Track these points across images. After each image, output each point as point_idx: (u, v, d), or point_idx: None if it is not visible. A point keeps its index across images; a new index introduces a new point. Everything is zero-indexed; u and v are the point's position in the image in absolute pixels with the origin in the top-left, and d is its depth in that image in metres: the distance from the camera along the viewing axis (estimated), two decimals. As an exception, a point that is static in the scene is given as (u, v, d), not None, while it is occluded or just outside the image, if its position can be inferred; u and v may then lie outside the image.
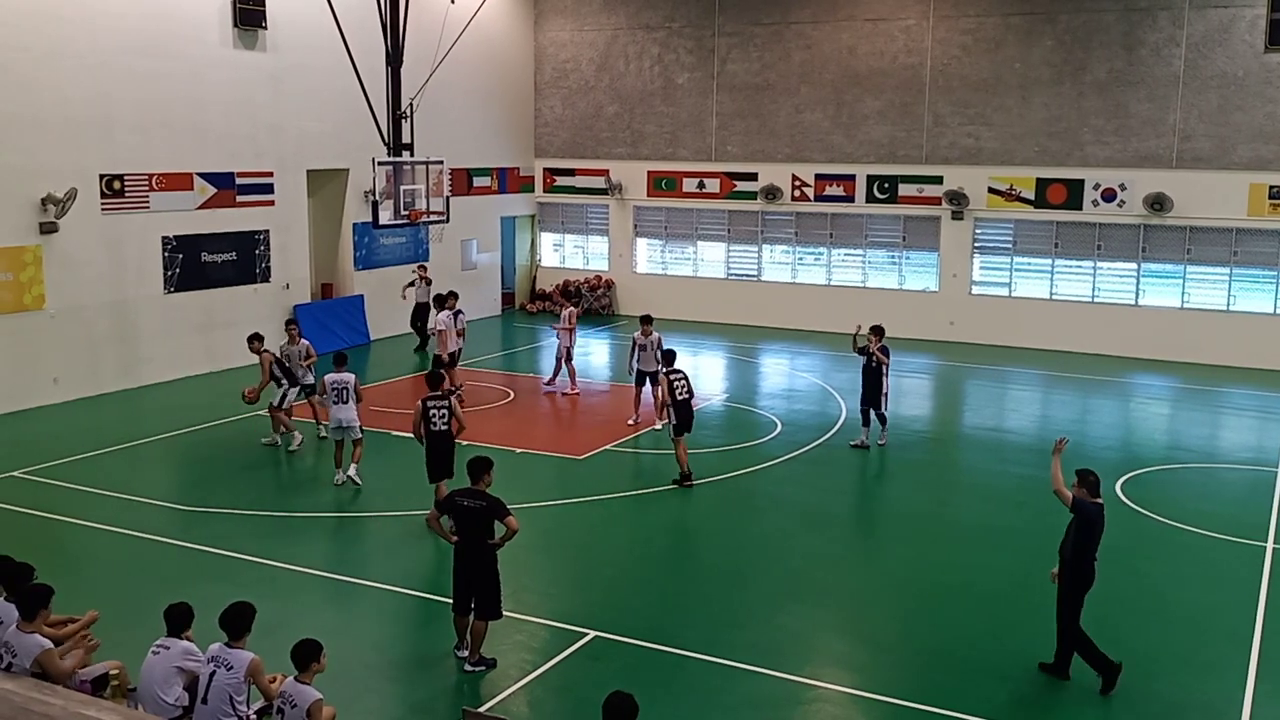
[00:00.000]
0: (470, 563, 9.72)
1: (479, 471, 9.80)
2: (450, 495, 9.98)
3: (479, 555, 9.69)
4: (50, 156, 18.63)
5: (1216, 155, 23.66)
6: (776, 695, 9.49)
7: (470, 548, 9.70)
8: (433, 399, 13.09)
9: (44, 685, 7.71)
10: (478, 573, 9.71)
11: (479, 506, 9.64)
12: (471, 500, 9.68)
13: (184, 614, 8.00)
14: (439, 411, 13.05)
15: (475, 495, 9.70)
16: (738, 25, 27.86)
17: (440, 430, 13.06)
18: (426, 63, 21.04)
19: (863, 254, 27.52)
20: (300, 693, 7.35)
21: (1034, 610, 11.25)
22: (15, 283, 18.33)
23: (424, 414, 13.01)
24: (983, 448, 17.60)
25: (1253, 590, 11.78)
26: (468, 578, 9.75)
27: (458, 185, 26.51)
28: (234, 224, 22.05)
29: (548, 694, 9.52)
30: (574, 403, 20.29)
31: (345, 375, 14.87)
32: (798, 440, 17.41)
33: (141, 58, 19.98)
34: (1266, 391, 21.56)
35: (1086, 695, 9.53)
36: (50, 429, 17.46)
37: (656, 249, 30.06)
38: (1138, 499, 14.74)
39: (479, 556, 9.69)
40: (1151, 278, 24.83)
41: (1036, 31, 24.96)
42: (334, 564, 12.01)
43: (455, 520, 9.76)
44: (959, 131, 25.91)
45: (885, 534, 13.42)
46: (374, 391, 20.66)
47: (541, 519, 13.90)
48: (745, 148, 28.21)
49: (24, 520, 13.42)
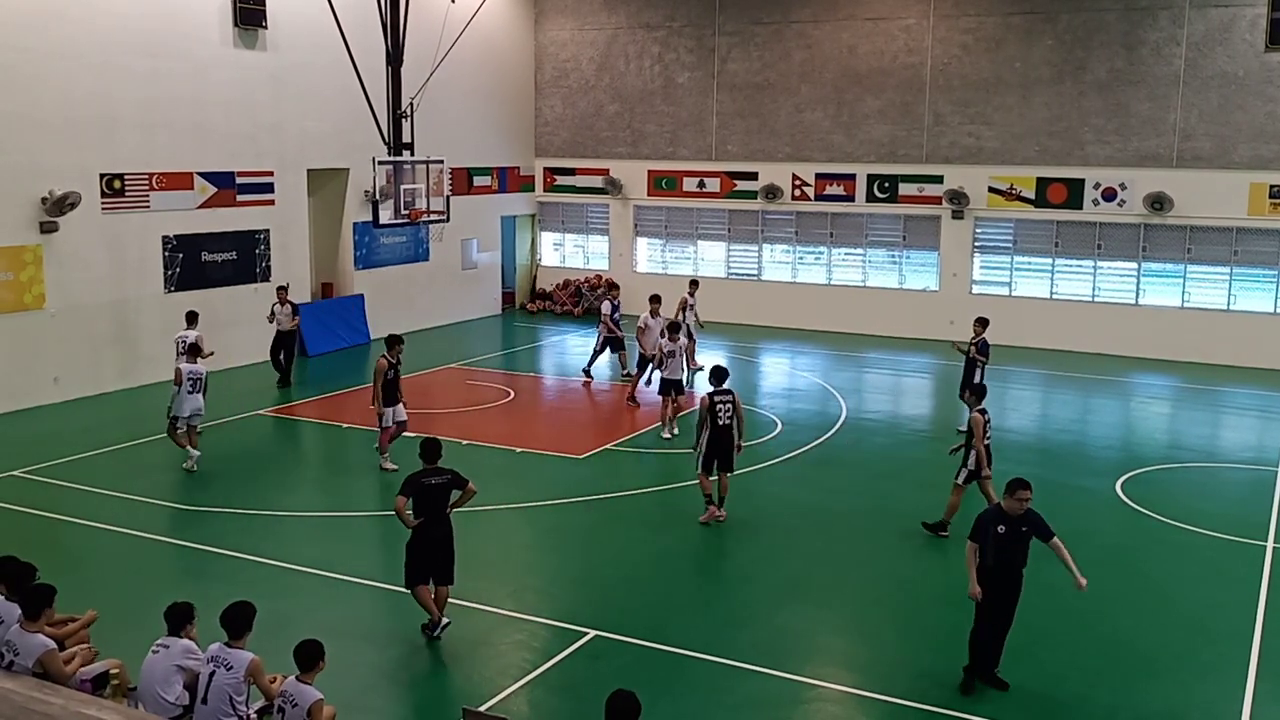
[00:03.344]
0: (436, 535, 10.27)
1: (435, 451, 10.44)
2: (415, 478, 10.32)
3: (442, 527, 10.32)
4: (51, 156, 18.63)
5: (1217, 155, 23.66)
6: (777, 695, 9.49)
7: (436, 521, 10.28)
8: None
9: (45, 685, 7.71)
10: (442, 544, 10.32)
11: (444, 481, 10.30)
12: (437, 478, 10.29)
13: (184, 613, 8.00)
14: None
15: (438, 472, 10.32)
16: (738, 24, 27.85)
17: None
18: (426, 62, 21.03)
19: (863, 253, 27.52)
20: (301, 692, 7.35)
21: (1034, 610, 11.25)
22: (15, 282, 18.33)
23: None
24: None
25: (1253, 590, 11.77)
26: (431, 551, 10.27)
27: (458, 185, 26.51)
28: (234, 223, 22.04)
29: (548, 694, 9.52)
30: (574, 403, 20.29)
31: (199, 367, 15.58)
32: (798, 440, 17.41)
33: (142, 57, 19.98)
34: (1267, 391, 21.55)
35: (1087, 695, 9.53)
36: (50, 428, 17.46)
37: (657, 248, 30.05)
38: (1138, 499, 14.74)
39: (442, 528, 10.32)
40: (1152, 277, 24.83)
41: (1037, 31, 24.96)
42: (334, 563, 12.00)
43: (422, 499, 10.25)
44: (959, 131, 25.91)
45: (885, 534, 13.41)
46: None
47: (541, 519, 13.91)
48: (745, 147, 28.20)
49: (24, 520, 13.41)
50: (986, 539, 9.30)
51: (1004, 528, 9.30)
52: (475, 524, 13.62)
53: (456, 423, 18.17)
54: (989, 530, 9.30)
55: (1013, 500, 9.33)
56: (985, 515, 9.50)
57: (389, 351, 15.22)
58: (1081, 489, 15.31)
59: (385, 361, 15.10)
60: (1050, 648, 10.38)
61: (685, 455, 16.50)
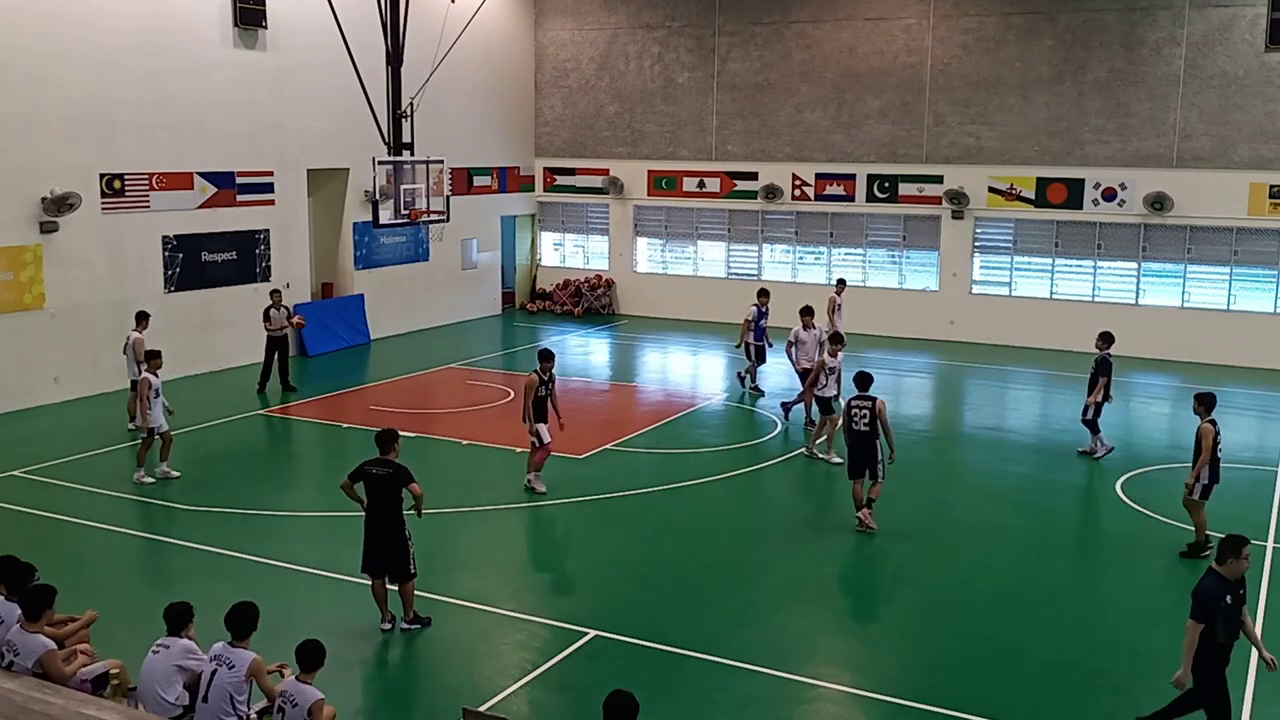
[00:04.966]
0: (380, 529, 10.39)
1: (388, 442, 10.53)
2: (363, 465, 10.50)
3: (389, 521, 10.38)
4: (51, 156, 18.64)
5: (1217, 154, 23.66)
6: (777, 695, 9.49)
7: (380, 513, 10.39)
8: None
9: (45, 685, 7.71)
10: (387, 538, 10.37)
11: (387, 473, 10.37)
12: (380, 468, 10.40)
13: (184, 613, 8.01)
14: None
15: (384, 464, 10.42)
16: (738, 24, 27.85)
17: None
18: (426, 62, 21.04)
19: (863, 253, 27.51)
20: (302, 692, 7.36)
21: (1034, 610, 11.27)
22: (15, 282, 18.34)
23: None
24: (983, 447, 17.61)
25: (1253, 590, 11.73)
26: (378, 543, 10.39)
27: (458, 185, 26.52)
28: (234, 223, 22.04)
29: (548, 694, 9.52)
30: (574, 403, 20.27)
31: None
32: (798, 440, 17.41)
33: (142, 57, 19.98)
34: (1267, 391, 21.55)
35: (1087, 695, 9.53)
36: (51, 428, 17.46)
37: (657, 248, 30.06)
38: (1138, 499, 14.74)
39: (389, 523, 10.38)
40: (1152, 277, 24.83)
41: (1037, 31, 24.96)
42: (334, 563, 12.00)
43: (366, 487, 10.45)
44: (959, 131, 25.91)
45: (885, 533, 13.41)
46: (375, 391, 20.70)
47: (542, 519, 13.91)
48: (746, 147, 28.20)
49: (25, 520, 13.42)
50: (1215, 615, 7.99)
51: (1230, 597, 8.05)
52: (475, 524, 13.64)
53: (456, 423, 18.17)
54: (1218, 604, 8.00)
55: (1240, 562, 8.11)
56: (1208, 589, 8.06)
57: (540, 367, 14.47)
58: (1081, 489, 15.31)
59: (536, 377, 14.35)
60: (1050, 648, 10.38)
61: (686, 455, 16.53)
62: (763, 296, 20.63)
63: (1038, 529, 13.73)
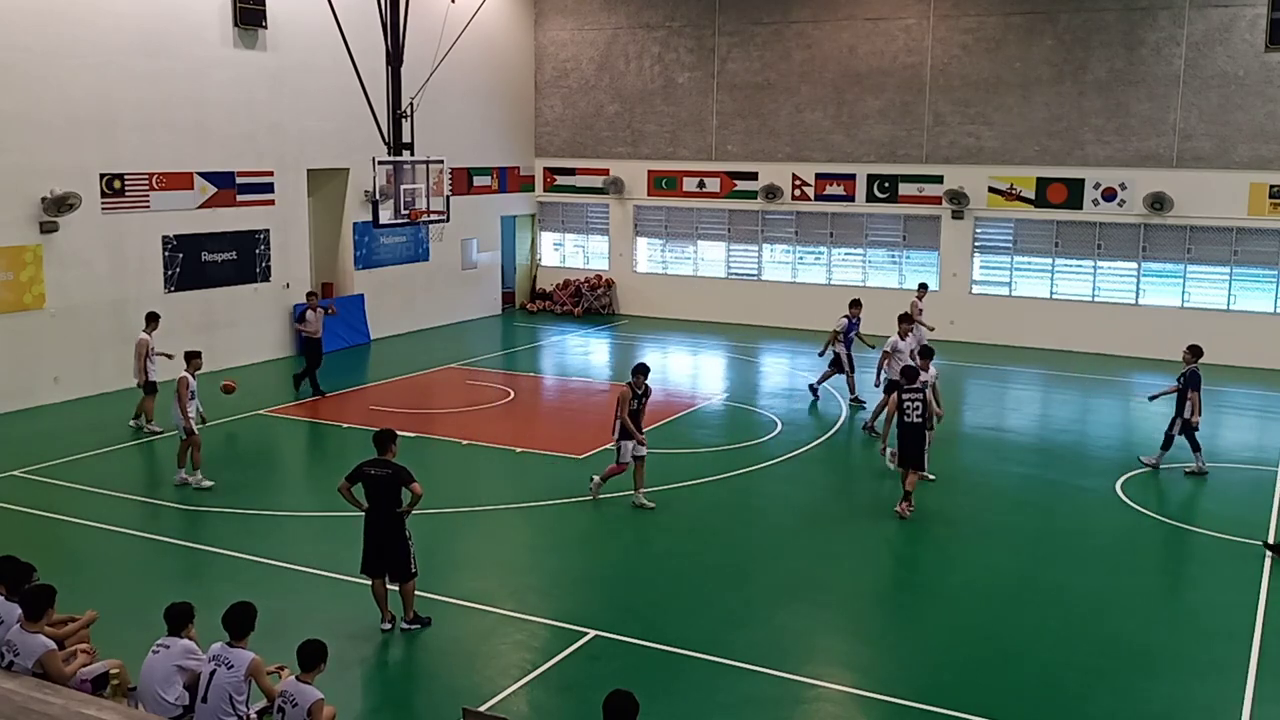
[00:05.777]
0: (381, 529, 10.39)
1: (385, 442, 10.56)
2: (361, 466, 10.49)
3: (389, 522, 10.37)
4: (51, 156, 18.63)
5: (1217, 154, 23.66)
6: (777, 695, 9.49)
7: (380, 514, 10.40)
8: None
9: (45, 685, 7.71)
10: (388, 538, 10.38)
11: (385, 474, 10.36)
12: (379, 469, 10.39)
13: (184, 613, 8.01)
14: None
15: (383, 464, 10.41)
16: (738, 24, 27.85)
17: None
18: (426, 62, 21.03)
19: (863, 253, 27.51)
20: (301, 692, 7.36)
21: (1034, 610, 11.27)
22: (15, 282, 18.33)
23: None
24: (983, 447, 17.60)
25: (1253, 590, 11.77)
26: (379, 543, 10.40)
27: (458, 185, 26.51)
28: (234, 223, 22.04)
29: (548, 694, 9.52)
30: (574, 403, 20.26)
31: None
32: (798, 440, 17.41)
33: (142, 57, 19.98)
34: (1267, 391, 21.56)
35: (1087, 694, 9.53)
36: (51, 428, 17.46)
37: (657, 248, 30.05)
38: (1138, 499, 14.74)
39: (389, 523, 10.37)
40: (1152, 277, 24.83)
41: (1037, 31, 24.96)
42: (334, 563, 12.00)
43: (365, 488, 10.44)
44: (959, 131, 25.91)
45: (885, 533, 13.42)
46: (375, 391, 20.70)
47: (542, 519, 13.90)
48: (745, 147, 28.20)
49: (24, 520, 13.41)
50: None
51: None
52: (475, 524, 13.64)
53: (456, 423, 18.18)
54: None
55: None
56: None
57: (634, 380, 13.97)
58: (1081, 489, 15.31)
59: (629, 390, 13.91)
60: (1050, 648, 10.38)
61: (686, 456, 16.53)
62: (855, 307, 19.71)
63: (1038, 529, 13.73)
